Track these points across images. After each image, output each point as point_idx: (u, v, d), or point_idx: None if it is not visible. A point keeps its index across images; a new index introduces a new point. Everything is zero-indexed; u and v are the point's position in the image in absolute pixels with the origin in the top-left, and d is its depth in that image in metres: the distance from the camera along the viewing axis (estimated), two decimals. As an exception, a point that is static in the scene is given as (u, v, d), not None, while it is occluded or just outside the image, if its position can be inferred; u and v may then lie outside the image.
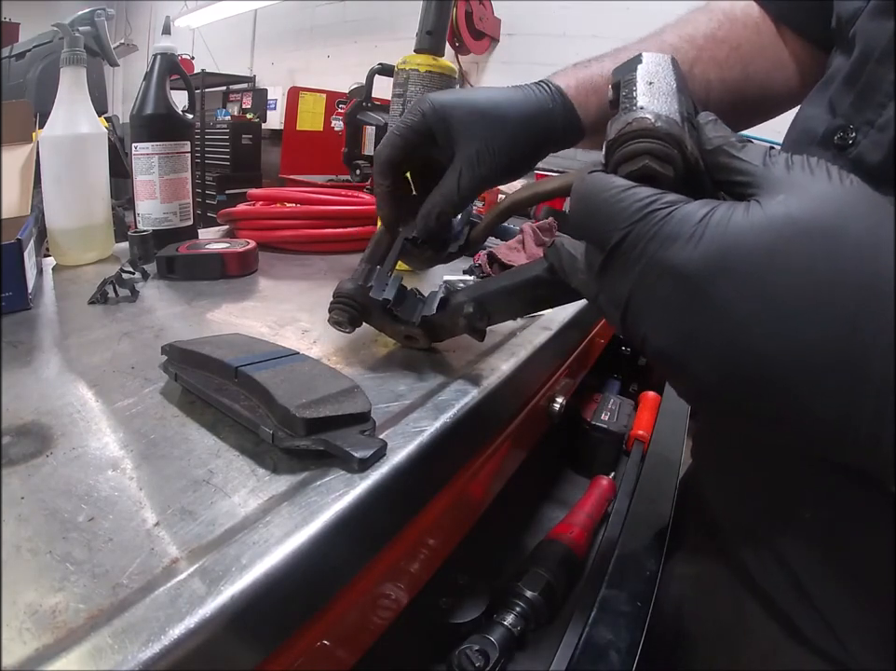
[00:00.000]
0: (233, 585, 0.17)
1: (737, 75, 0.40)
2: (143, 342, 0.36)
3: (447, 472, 0.30)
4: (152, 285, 0.48)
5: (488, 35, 2.67)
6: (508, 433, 0.38)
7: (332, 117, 1.75)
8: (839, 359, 0.16)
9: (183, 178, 0.57)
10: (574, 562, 0.44)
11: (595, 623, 0.35)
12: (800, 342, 0.17)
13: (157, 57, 0.55)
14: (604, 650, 0.34)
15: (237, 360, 0.27)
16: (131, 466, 0.23)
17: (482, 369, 0.34)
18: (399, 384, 0.32)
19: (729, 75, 0.40)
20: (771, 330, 0.17)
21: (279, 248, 0.61)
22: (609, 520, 0.48)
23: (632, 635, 0.35)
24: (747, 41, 0.41)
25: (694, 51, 0.40)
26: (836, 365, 0.16)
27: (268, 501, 0.21)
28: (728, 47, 0.40)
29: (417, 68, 0.52)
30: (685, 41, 0.40)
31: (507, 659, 0.36)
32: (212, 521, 0.20)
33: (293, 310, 0.43)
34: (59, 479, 0.22)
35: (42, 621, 0.16)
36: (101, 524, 0.20)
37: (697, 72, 0.39)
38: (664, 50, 0.30)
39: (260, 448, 0.24)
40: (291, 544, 0.19)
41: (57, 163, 0.49)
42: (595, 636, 0.35)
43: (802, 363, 0.17)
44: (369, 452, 0.23)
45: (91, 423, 0.26)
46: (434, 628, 0.37)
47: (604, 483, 0.57)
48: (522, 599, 0.39)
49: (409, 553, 0.28)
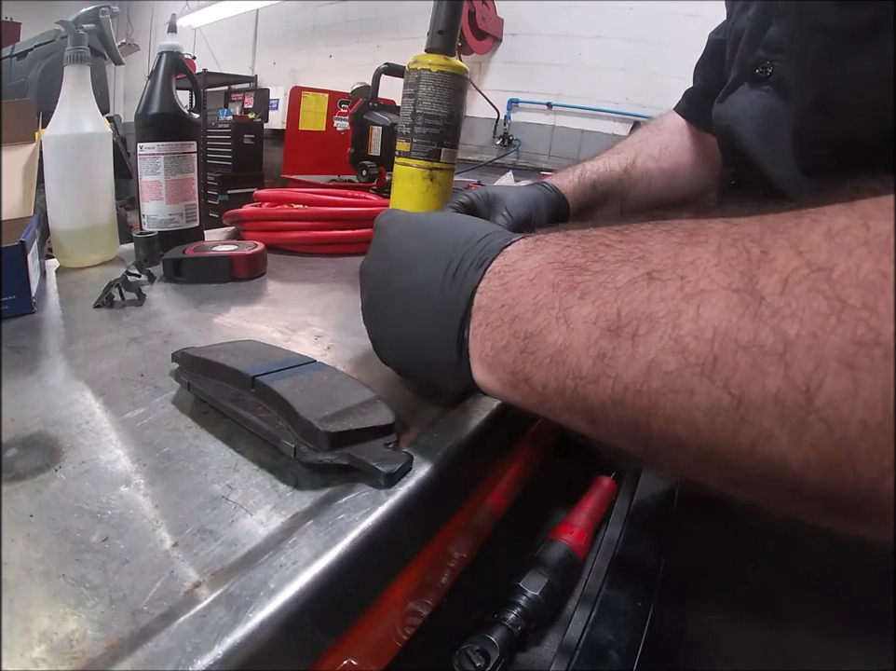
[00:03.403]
0: (262, 611, 0.16)
1: (669, 165, 0.60)
2: (152, 348, 0.35)
3: (472, 482, 0.29)
4: (158, 288, 0.47)
5: (491, 35, 2.66)
6: (527, 438, 0.37)
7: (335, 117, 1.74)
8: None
9: (190, 178, 0.56)
10: (574, 562, 0.44)
11: (595, 623, 0.35)
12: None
13: (163, 55, 0.54)
14: (604, 650, 0.33)
15: (253, 369, 0.26)
16: (145, 481, 0.22)
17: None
18: (416, 393, 0.31)
19: (664, 164, 0.60)
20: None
21: (286, 250, 0.60)
22: (610, 520, 0.47)
23: (632, 635, 0.34)
24: (673, 142, 0.62)
25: (634, 151, 0.61)
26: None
27: (292, 519, 0.20)
28: (660, 146, 0.61)
29: (429, 68, 0.51)
30: (628, 145, 0.62)
31: (507, 659, 0.35)
32: (234, 541, 0.19)
33: (305, 314, 0.42)
34: (69, 495, 0.21)
35: (59, 651, 0.15)
36: (116, 544, 0.19)
37: (639, 163, 0.59)
38: (615, 155, 0.60)
39: (279, 462, 0.23)
40: (320, 565, 0.18)
41: (60, 163, 0.48)
42: (595, 636, 0.34)
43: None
44: (395, 467, 0.22)
45: (101, 435, 0.25)
46: (434, 628, 0.37)
47: (605, 483, 0.56)
48: (522, 599, 0.39)
49: (433, 565, 0.27)
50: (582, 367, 0.18)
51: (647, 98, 2.30)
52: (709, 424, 0.15)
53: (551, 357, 0.19)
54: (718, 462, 0.15)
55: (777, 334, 0.13)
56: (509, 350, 0.20)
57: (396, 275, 0.26)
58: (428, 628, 0.36)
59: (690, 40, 2.05)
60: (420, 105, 0.52)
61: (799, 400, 0.13)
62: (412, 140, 0.53)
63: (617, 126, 2.46)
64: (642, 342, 0.16)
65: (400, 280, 0.26)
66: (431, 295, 0.24)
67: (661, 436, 0.16)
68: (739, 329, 0.14)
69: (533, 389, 0.20)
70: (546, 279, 0.20)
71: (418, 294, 0.25)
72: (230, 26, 3.85)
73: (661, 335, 0.15)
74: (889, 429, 0.12)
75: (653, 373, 0.16)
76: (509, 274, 0.22)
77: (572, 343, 0.18)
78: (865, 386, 0.12)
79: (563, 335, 0.18)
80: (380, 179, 1.12)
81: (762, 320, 0.14)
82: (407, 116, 0.53)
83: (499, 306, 0.21)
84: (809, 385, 0.13)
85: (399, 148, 0.55)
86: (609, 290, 0.17)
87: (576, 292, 0.18)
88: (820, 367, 0.13)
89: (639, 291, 0.17)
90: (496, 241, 0.24)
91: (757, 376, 0.13)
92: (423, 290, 0.25)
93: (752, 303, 0.14)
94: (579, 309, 0.18)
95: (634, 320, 0.16)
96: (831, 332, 0.13)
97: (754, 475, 0.15)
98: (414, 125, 0.53)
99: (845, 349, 0.12)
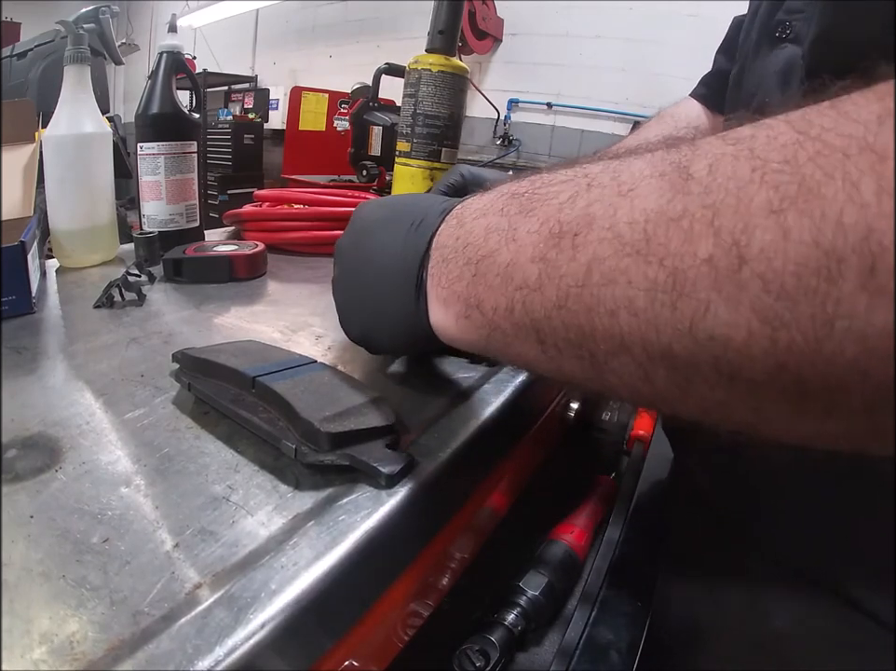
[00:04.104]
0: (263, 612, 0.16)
1: None
2: (152, 348, 0.34)
3: (473, 482, 0.29)
4: (158, 288, 0.46)
5: (491, 35, 2.66)
6: (528, 438, 0.37)
7: (335, 117, 1.74)
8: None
9: (190, 179, 0.56)
10: (574, 562, 0.44)
11: (595, 623, 0.35)
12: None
13: (163, 55, 0.54)
14: (604, 649, 0.33)
15: (253, 369, 0.26)
16: (146, 482, 0.22)
17: (501, 379, 0.33)
18: (417, 393, 0.31)
19: None
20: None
21: (287, 250, 0.59)
22: (609, 520, 0.47)
23: (632, 635, 0.34)
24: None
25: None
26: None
27: (293, 520, 0.20)
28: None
29: (430, 68, 0.51)
30: (640, 140, 0.57)
31: (507, 659, 0.35)
32: (235, 542, 0.19)
33: (305, 315, 0.42)
34: (69, 496, 0.21)
35: (59, 652, 0.15)
36: (116, 545, 0.19)
37: None
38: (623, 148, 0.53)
39: (280, 463, 0.23)
40: (321, 566, 0.18)
41: (60, 163, 0.48)
42: (595, 636, 0.34)
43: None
44: (397, 467, 0.22)
45: (101, 435, 0.25)
46: (434, 628, 0.37)
47: (605, 483, 0.56)
48: (522, 599, 0.39)
49: (434, 566, 0.27)
50: (528, 278, 0.18)
51: (647, 98, 2.29)
52: (648, 306, 0.14)
53: (500, 275, 0.19)
54: (662, 357, 0.15)
55: (705, 204, 0.14)
56: (462, 279, 0.21)
57: (363, 242, 0.28)
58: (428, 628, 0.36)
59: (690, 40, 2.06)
60: (421, 105, 0.52)
61: (731, 261, 0.13)
62: (412, 140, 0.53)
63: (617, 126, 2.46)
64: (581, 241, 0.16)
65: (366, 246, 0.27)
66: (395, 248, 0.25)
67: (605, 338, 0.16)
68: (669, 208, 0.14)
69: (483, 314, 0.20)
70: (495, 207, 0.21)
71: (382, 251, 0.26)
72: (230, 26, 3.85)
73: (598, 231, 0.16)
74: (825, 272, 0.11)
75: (592, 267, 0.16)
76: (464, 213, 0.23)
77: (518, 257, 0.18)
78: (794, 231, 0.12)
79: (511, 252, 0.19)
80: (380, 179, 1.12)
81: (690, 195, 0.14)
82: (408, 116, 0.53)
83: (454, 240, 0.22)
84: (739, 243, 0.13)
85: (399, 148, 0.55)
86: (552, 205, 0.18)
87: (523, 212, 0.19)
88: (748, 226, 0.13)
89: (580, 200, 0.17)
90: (460, 198, 0.25)
91: (689, 247, 0.14)
92: (387, 246, 0.25)
93: (680, 183, 0.15)
94: (525, 225, 0.19)
95: (574, 223, 0.17)
96: (756, 192, 0.13)
97: (703, 368, 0.14)
98: (415, 125, 0.53)
99: (770, 201, 0.12)
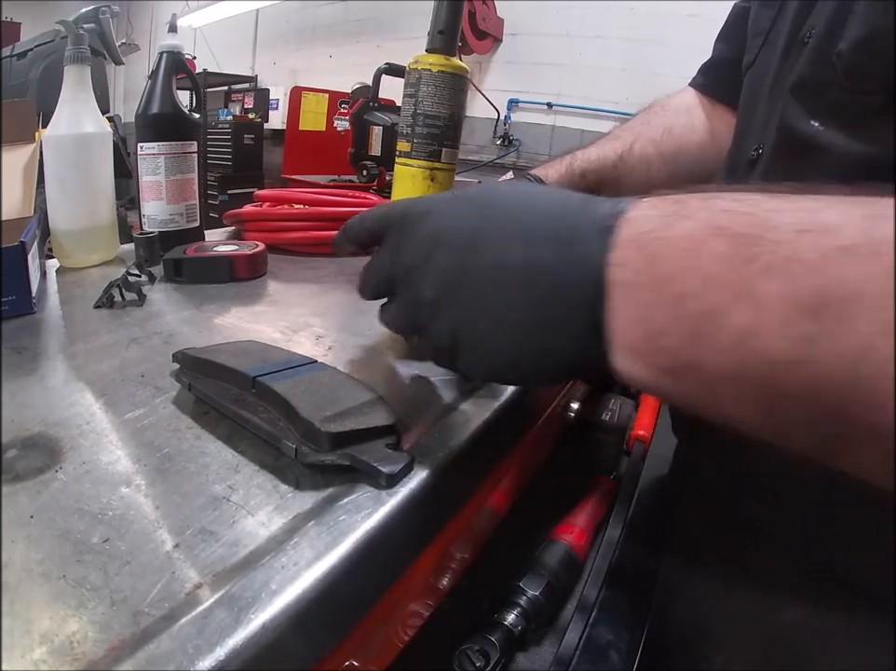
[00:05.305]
0: (263, 612, 0.16)
1: (671, 148, 0.56)
2: (152, 348, 0.34)
3: (473, 482, 0.29)
4: (159, 288, 0.46)
5: (491, 35, 2.66)
6: (528, 439, 0.37)
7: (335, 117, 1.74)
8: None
9: (190, 179, 0.56)
10: (574, 562, 0.44)
11: (595, 623, 0.35)
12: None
13: (163, 55, 0.54)
14: (604, 649, 0.33)
15: (254, 369, 0.26)
16: (146, 482, 0.22)
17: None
18: (417, 393, 0.31)
19: (665, 148, 0.56)
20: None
21: (287, 250, 0.59)
22: (610, 520, 0.47)
23: (632, 635, 0.35)
24: (678, 123, 0.57)
25: (633, 136, 0.57)
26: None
27: (293, 520, 0.20)
28: (662, 128, 0.57)
29: (430, 68, 0.51)
30: (627, 129, 0.59)
31: (507, 659, 0.36)
32: (235, 542, 0.19)
33: (306, 315, 0.42)
34: (69, 496, 0.21)
35: (60, 652, 0.15)
36: (116, 545, 0.19)
37: (637, 148, 0.56)
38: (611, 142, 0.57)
39: (280, 463, 0.23)
40: (322, 566, 0.18)
41: (60, 163, 0.48)
42: (595, 636, 0.34)
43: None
44: (397, 467, 0.22)
45: (102, 435, 0.25)
46: (434, 628, 0.37)
47: (605, 483, 0.56)
48: (522, 599, 0.39)
49: (434, 566, 0.27)
50: (777, 351, 0.15)
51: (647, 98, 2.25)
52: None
53: (735, 339, 0.16)
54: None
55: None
56: (672, 334, 0.18)
57: (472, 258, 0.22)
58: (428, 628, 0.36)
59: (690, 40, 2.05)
60: (421, 105, 0.52)
61: None
62: (412, 140, 0.53)
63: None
64: (850, 324, 0.14)
65: (483, 261, 0.21)
66: (536, 274, 0.20)
67: (856, 426, 0.15)
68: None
69: (699, 376, 0.17)
70: (710, 249, 0.17)
71: (515, 274, 0.21)
72: (230, 26, 3.85)
73: (872, 317, 0.14)
74: None
75: (864, 357, 0.14)
76: (653, 244, 0.18)
77: (762, 323, 0.16)
78: None
79: (748, 314, 0.16)
80: (380, 179, 1.12)
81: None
82: (408, 117, 0.53)
83: (649, 280, 0.18)
84: None
85: (399, 148, 0.55)
86: (798, 264, 0.15)
87: (755, 264, 0.16)
88: None
89: (835, 267, 0.15)
90: (605, 207, 0.20)
91: None
92: (521, 269, 0.20)
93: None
94: (766, 285, 0.16)
95: (838, 299, 0.15)
96: None
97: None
98: (415, 125, 0.53)
99: None
